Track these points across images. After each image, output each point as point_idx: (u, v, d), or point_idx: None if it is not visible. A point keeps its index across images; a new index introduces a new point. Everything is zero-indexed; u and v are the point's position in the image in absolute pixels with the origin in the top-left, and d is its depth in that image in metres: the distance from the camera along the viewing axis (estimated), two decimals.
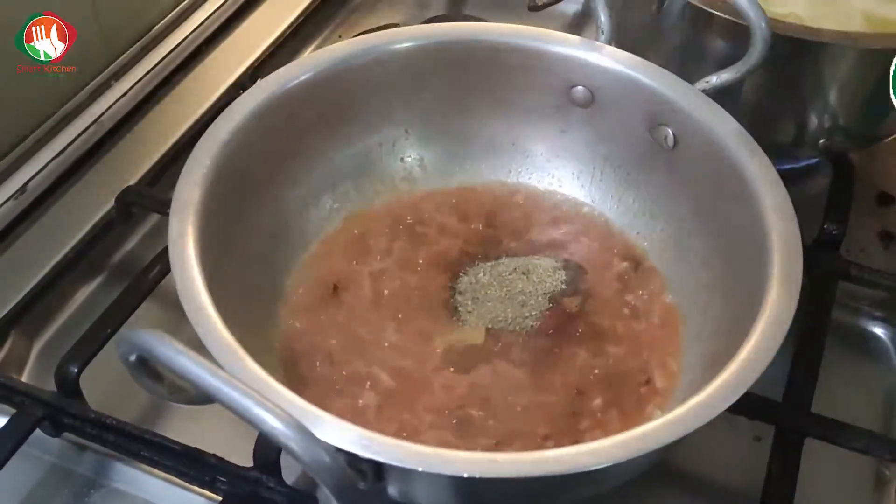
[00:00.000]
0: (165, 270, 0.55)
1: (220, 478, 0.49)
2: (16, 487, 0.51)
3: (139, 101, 0.72)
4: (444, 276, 0.57)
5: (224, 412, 0.36)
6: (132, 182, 0.65)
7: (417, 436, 0.49)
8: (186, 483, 0.50)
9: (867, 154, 0.71)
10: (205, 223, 0.48)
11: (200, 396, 0.36)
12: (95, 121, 0.69)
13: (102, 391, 0.53)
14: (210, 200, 0.49)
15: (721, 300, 0.52)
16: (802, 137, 0.65)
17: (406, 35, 0.60)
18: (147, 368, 0.38)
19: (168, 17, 0.76)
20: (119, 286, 0.58)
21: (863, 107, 0.63)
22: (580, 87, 0.60)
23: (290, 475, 0.50)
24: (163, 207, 0.58)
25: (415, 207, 0.61)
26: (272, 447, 0.48)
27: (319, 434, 0.37)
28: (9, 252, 0.62)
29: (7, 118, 0.64)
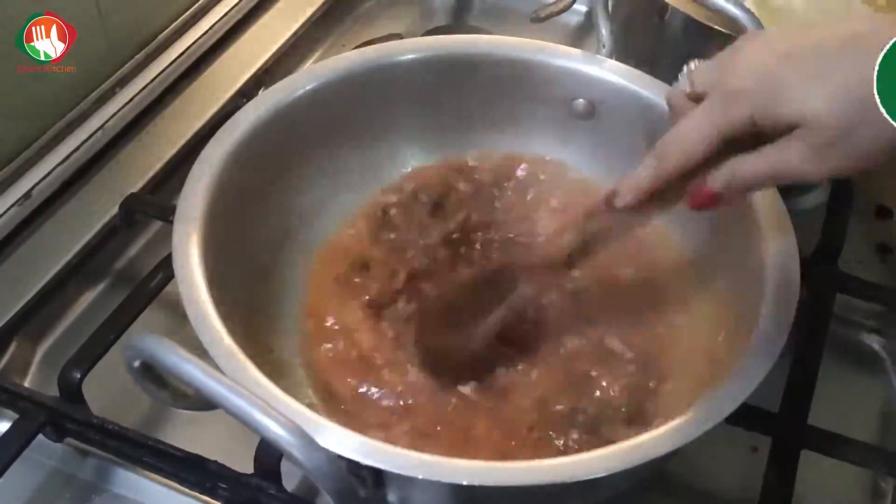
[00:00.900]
0: (169, 277, 0.55)
1: (221, 484, 0.50)
2: (18, 492, 0.52)
3: (144, 109, 0.72)
4: (447, 287, 0.58)
5: (225, 419, 0.36)
6: (136, 189, 0.65)
7: None
8: (187, 489, 0.51)
9: None
10: (209, 230, 0.49)
11: (204, 402, 0.37)
12: (100, 127, 0.69)
13: (105, 397, 0.53)
14: (214, 208, 0.50)
15: (719, 312, 0.52)
16: None
17: (409, 47, 0.61)
18: (151, 374, 0.39)
19: (173, 25, 0.77)
20: (122, 292, 0.58)
21: None
22: (581, 100, 0.60)
23: (291, 482, 0.50)
24: (166, 214, 0.58)
25: (417, 217, 0.61)
26: (273, 454, 0.48)
27: (321, 441, 0.38)
28: (13, 258, 0.63)
29: (10, 122, 0.64)
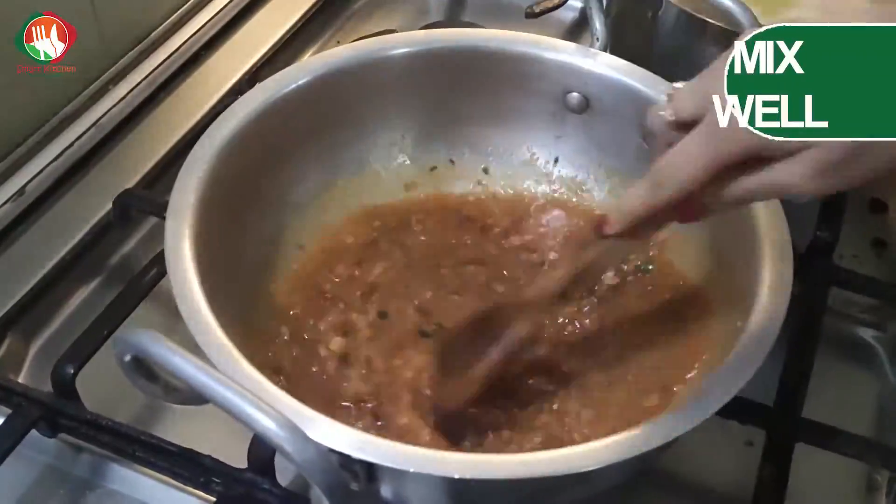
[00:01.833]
0: (162, 273, 0.55)
1: (215, 479, 0.50)
2: (12, 488, 0.52)
3: (138, 105, 0.72)
4: (440, 280, 0.57)
5: (219, 414, 0.36)
6: (130, 185, 0.65)
7: None
8: (181, 484, 0.51)
9: None
10: (201, 225, 0.49)
11: (195, 396, 0.37)
12: (94, 124, 0.69)
13: (98, 392, 0.53)
14: (207, 203, 0.50)
15: (712, 305, 0.52)
16: None
17: (402, 41, 0.61)
18: (142, 368, 0.39)
19: (167, 22, 0.77)
20: (116, 288, 0.58)
21: None
22: (575, 94, 0.60)
23: (285, 477, 0.50)
24: (160, 210, 0.58)
25: (411, 211, 0.61)
26: (266, 449, 0.48)
27: (312, 435, 0.38)
28: (7, 254, 0.63)
29: (7, 119, 0.64)
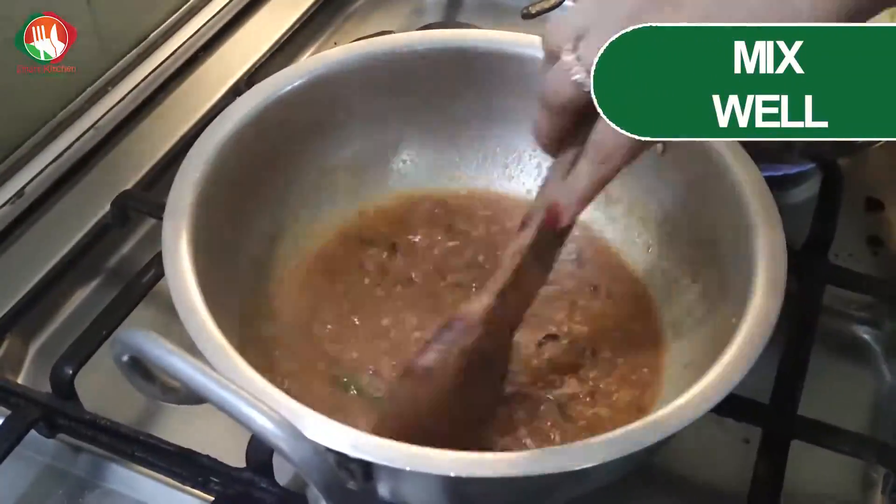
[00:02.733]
0: (161, 274, 0.55)
1: (213, 478, 0.50)
2: (10, 488, 0.52)
3: (136, 106, 0.72)
4: (439, 280, 0.58)
5: (217, 413, 0.37)
6: (129, 186, 0.66)
7: None
8: (179, 484, 0.51)
9: (855, 159, 0.72)
10: (199, 226, 0.49)
11: (191, 396, 0.37)
12: (93, 125, 0.69)
13: (97, 393, 0.53)
14: (204, 204, 0.50)
15: (706, 304, 0.52)
16: (789, 144, 0.66)
17: (400, 41, 0.61)
18: (139, 368, 0.39)
19: (165, 24, 0.77)
20: (115, 289, 0.59)
21: None
22: None
23: (283, 476, 0.50)
24: (159, 211, 0.58)
25: (409, 212, 0.61)
26: (265, 448, 0.48)
27: (309, 434, 0.38)
28: (6, 255, 0.63)
29: (6, 120, 0.65)
